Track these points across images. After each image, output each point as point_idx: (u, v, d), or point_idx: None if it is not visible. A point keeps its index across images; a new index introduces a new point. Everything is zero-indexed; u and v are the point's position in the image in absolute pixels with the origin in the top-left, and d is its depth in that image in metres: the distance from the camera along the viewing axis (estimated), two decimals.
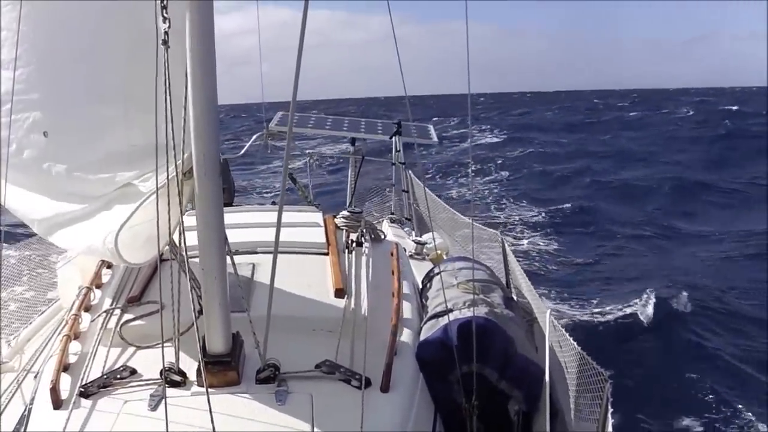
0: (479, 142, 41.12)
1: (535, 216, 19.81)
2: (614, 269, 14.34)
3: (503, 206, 21.76)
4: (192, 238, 2.80)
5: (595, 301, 11.87)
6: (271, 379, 2.97)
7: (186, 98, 2.61)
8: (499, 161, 30.73)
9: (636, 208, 20.89)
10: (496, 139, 41.98)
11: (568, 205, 20.76)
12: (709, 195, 22.65)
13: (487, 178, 27.48)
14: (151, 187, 2.81)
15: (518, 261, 6.08)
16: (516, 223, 19.05)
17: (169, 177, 2.73)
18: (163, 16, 2.44)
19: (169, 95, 2.47)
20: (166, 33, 2.45)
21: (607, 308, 11.43)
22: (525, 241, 16.88)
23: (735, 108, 58.88)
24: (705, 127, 43.57)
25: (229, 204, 7.28)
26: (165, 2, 2.41)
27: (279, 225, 3.01)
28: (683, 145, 35.58)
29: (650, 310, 11.17)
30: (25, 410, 3.02)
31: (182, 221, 2.74)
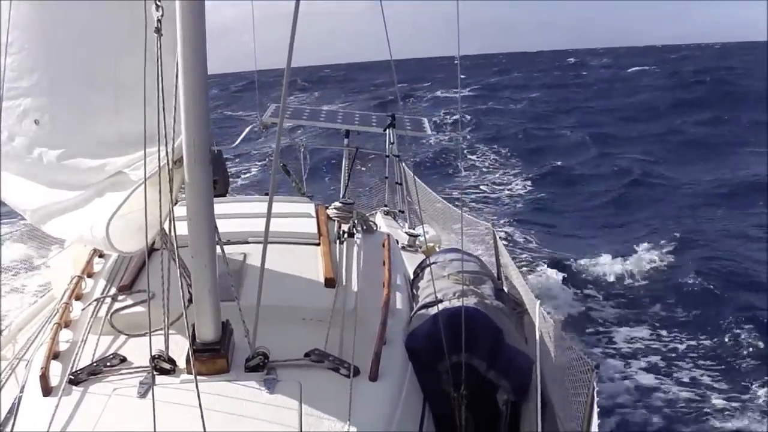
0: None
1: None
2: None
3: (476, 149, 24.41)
4: (184, 227, 2.81)
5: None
6: (260, 367, 2.98)
7: (176, 86, 2.61)
8: (470, 117, 32.13)
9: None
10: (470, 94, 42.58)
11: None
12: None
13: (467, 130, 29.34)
14: (142, 177, 2.83)
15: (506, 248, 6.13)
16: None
17: (160, 165, 2.73)
18: (156, 3, 2.45)
19: (162, 84, 2.49)
20: (159, 21, 2.46)
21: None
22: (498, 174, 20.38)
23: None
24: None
25: (223, 195, 7.28)
26: None
27: (269, 215, 3.03)
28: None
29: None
30: (16, 398, 3.03)
31: (172, 210, 2.75)
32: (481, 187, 19.82)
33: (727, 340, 9.45)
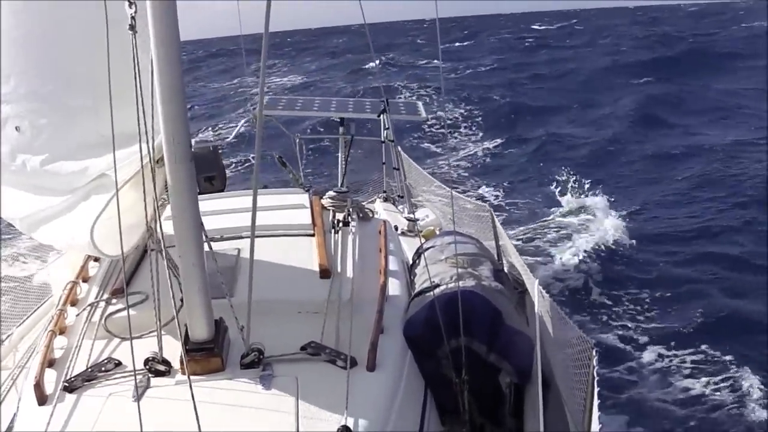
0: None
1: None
2: None
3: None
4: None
5: None
6: (256, 363, 2.96)
7: (152, 84, 2.58)
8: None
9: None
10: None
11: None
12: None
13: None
14: (124, 177, 2.80)
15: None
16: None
17: (151, 164, 2.70)
18: (129, 1, 2.42)
19: (140, 82, 2.46)
20: (132, 18, 2.43)
21: None
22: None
23: None
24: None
25: (221, 190, 7.26)
26: None
27: (254, 208, 2.99)
28: None
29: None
30: (16, 408, 3.02)
31: (157, 209, 2.72)
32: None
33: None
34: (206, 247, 2.90)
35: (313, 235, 4.30)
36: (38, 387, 2.87)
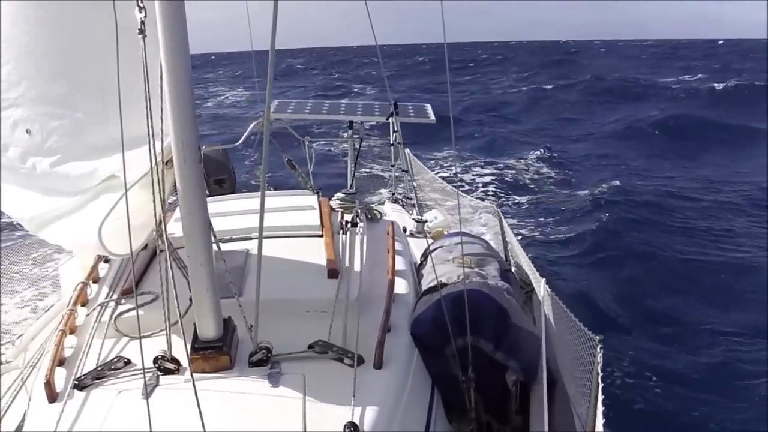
0: None
1: None
2: None
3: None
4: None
5: None
6: (264, 361, 2.98)
7: (161, 87, 2.61)
8: None
9: None
10: None
11: None
12: None
13: None
14: (134, 179, 2.83)
15: None
16: None
17: (151, 167, 2.73)
18: (138, 5, 2.45)
19: (148, 84, 2.49)
20: (142, 22, 2.46)
21: None
22: None
23: None
24: None
25: (231, 192, 7.31)
26: None
27: (262, 210, 3.02)
28: None
29: None
30: (27, 408, 3.05)
31: (163, 210, 2.75)
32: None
33: None
34: (215, 248, 2.93)
35: (321, 236, 4.32)
36: (48, 385, 2.91)
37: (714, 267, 11.20)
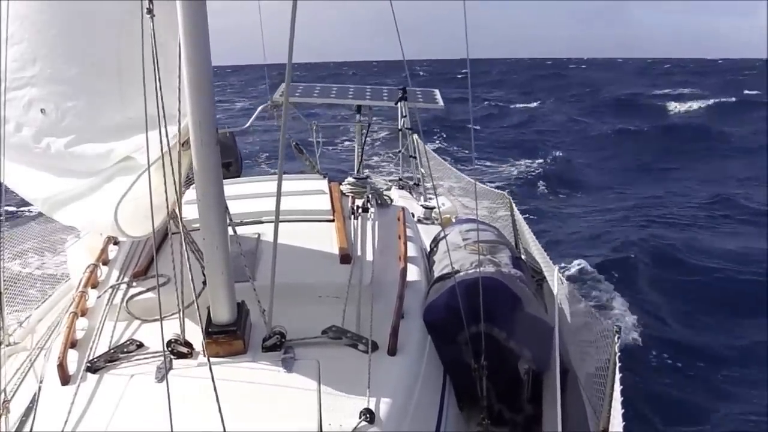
0: None
1: None
2: None
3: None
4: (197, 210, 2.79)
5: None
6: (278, 346, 2.97)
7: (180, 66, 2.58)
8: None
9: None
10: None
11: None
12: None
13: None
14: (150, 160, 2.80)
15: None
16: None
17: (164, 149, 2.70)
18: None
19: (158, 65, 2.45)
20: (150, 2, 2.43)
21: None
22: None
23: None
24: None
25: (237, 176, 7.28)
26: None
27: (279, 194, 3.00)
28: None
29: None
30: (38, 389, 3.04)
31: (177, 191, 2.73)
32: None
33: None
34: (230, 231, 2.91)
35: (332, 221, 4.30)
36: (61, 367, 2.90)
37: None
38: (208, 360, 2.51)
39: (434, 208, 7.15)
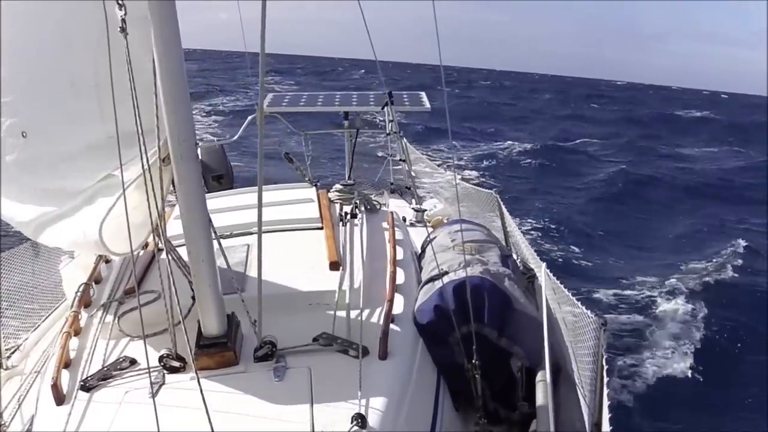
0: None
1: None
2: None
3: None
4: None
5: None
6: (269, 356, 2.99)
7: (156, 84, 2.60)
8: None
9: None
10: None
11: None
12: None
13: None
14: (131, 177, 2.81)
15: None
16: None
17: (149, 164, 2.72)
18: (118, 3, 2.43)
19: (134, 83, 2.47)
20: (123, 20, 2.44)
21: None
22: None
23: None
24: None
25: (229, 188, 7.29)
26: None
27: (260, 204, 3.02)
28: None
29: None
30: (35, 411, 3.05)
31: (159, 207, 2.74)
32: None
33: None
34: (215, 244, 2.93)
35: (321, 229, 4.32)
36: (56, 387, 2.91)
37: None
38: (196, 373, 2.52)
39: (426, 210, 7.17)
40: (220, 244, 3.03)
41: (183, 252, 3.07)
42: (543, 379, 3.44)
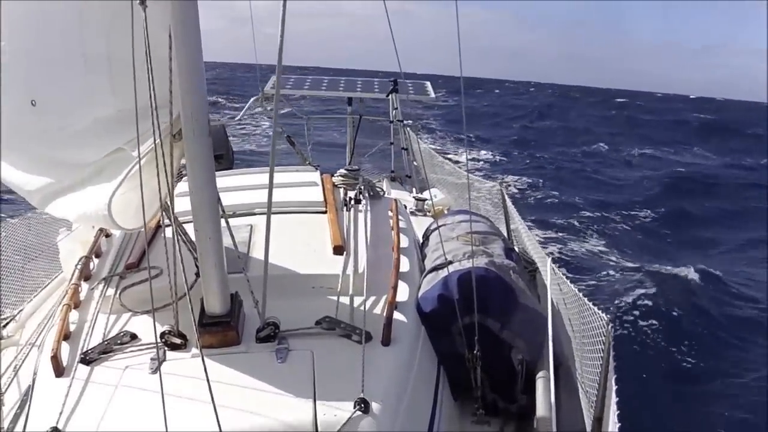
0: None
1: None
2: None
3: None
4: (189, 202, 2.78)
5: None
6: (271, 337, 2.97)
7: (170, 58, 2.56)
8: None
9: None
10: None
11: None
12: None
13: None
14: (142, 152, 2.78)
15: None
16: None
17: (161, 139, 2.69)
18: None
19: (150, 56, 2.43)
20: None
21: None
22: None
23: None
24: None
25: (228, 169, 7.26)
26: None
27: (271, 186, 2.99)
28: None
29: None
30: (32, 382, 3.03)
31: (169, 183, 2.72)
32: None
33: None
34: (222, 223, 2.90)
35: (325, 212, 4.30)
36: (55, 359, 2.89)
37: None
38: (201, 351, 2.50)
39: (426, 199, 7.15)
40: (227, 223, 3.01)
41: (188, 229, 3.05)
42: (545, 375, 3.44)
